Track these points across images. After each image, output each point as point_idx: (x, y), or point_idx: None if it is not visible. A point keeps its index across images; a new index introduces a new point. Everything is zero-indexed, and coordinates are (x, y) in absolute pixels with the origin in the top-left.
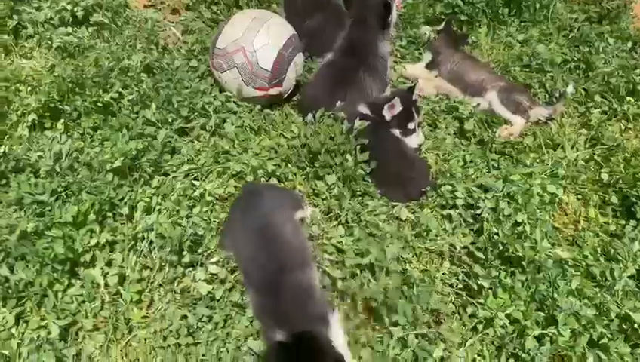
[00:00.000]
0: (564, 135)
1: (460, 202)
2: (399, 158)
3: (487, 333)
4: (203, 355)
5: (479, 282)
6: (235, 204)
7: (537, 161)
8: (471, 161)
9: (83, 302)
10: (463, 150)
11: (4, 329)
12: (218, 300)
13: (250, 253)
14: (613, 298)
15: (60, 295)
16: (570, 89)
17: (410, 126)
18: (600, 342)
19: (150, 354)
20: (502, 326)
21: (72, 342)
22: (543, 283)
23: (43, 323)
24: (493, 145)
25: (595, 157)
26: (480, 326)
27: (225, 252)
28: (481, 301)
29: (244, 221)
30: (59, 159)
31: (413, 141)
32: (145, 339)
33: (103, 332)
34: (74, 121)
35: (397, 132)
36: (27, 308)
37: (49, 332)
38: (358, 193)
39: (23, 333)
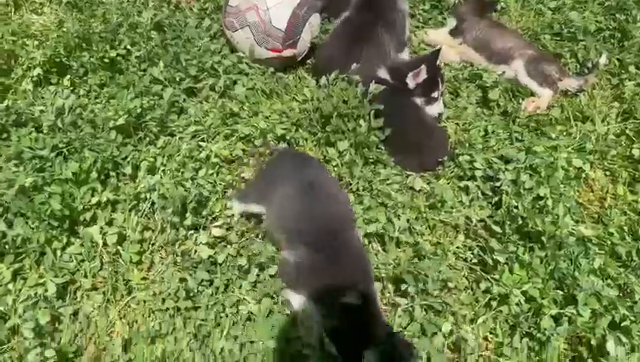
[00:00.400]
0: (595, 107)
1: (478, 173)
2: (416, 126)
3: (501, 311)
4: (202, 320)
5: (495, 257)
6: (274, 162)
7: (564, 134)
8: (492, 132)
9: (82, 261)
10: (485, 120)
11: (0, 285)
12: (220, 264)
13: (303, 210)
14: (638, 279)
15: (58, 253)
16: (603, 59)
17: (434, 95)
18: (622, 325)
19: (149, 316)
20: (517, 304)
21: (70, 301)
22: (564, 261)
23: (41, 281)
24: (517, 118)
25: (627, 131)
26: (494, 303)
27: (243, 206)
28: (496, 277)
29: (294, 178)
30: (61, 114)
31: (433, 109)
32: (144, 302)
33: (102, 292)
34: (80, 77)
35: (419, 100)
36: (26, 265)
37: (46, 290)
38: (371, 160)
39: (20, 290)
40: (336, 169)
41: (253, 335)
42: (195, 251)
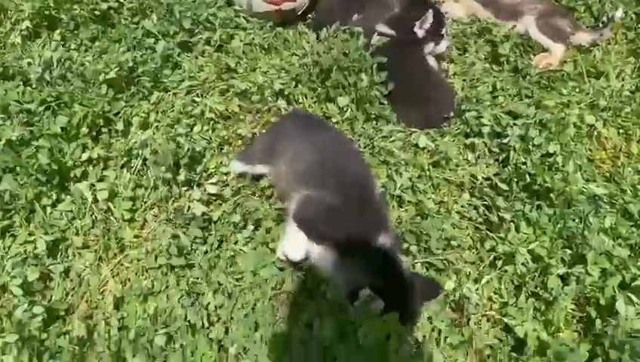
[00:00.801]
0: (610, 63)
1: (485, 130)
2: (421, 80)
3: (507, 270)
4: (196, 278)
5: (501, 215)
6: (287, 120)
7: (577, 90)
8: (501, 89)
9: (73, 218)
10: (494, 76)
11: None
12: (215, 222)
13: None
14: None
15: (48, 210)
16: (619, 13)
17: (442, 32)
18: (632, 284)
19: (142, 275)
20: (523, 264)
21: (61, 258)
22: (573, 220)
23: (30, 239)
24: (528, 75)
25: None
26: (499, 263)
27: (247, 168)
28: (502, 235)
29: (312, 132)
30: (49, 67)
31: (442, 46)
32: (137, 260)
33: (94, 250)
34: (71, 31)
35: (427, 48)
36: (15, 222)
37: (35, 247)
38: (373, 116)
39: (9, 247)
40: (337, 126)
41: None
42: (189, 208)
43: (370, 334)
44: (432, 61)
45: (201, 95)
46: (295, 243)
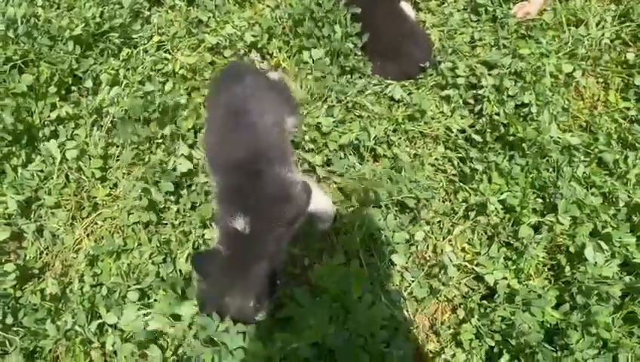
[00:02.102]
0: (590, 11)
1: (460, 81)
2: (396, 29)
3: (479, 220)
4: (169, 235)
5: (473, 165)
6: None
7: (556, 39)
8: (479, 39)
9: (45, 178)
10: (472, 27)
11: None
12: (189, 185)
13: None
14: (624, 187)
15: (19, 170)
16: None
17: None
18: (603, 232)
19: (116, 233)
20: (495, 214)
21: (34, 218)
22: (547, 170)
23: (2, 199)
24: (507, 25)
25: (623, 35)
26: (472, 214)
27: None
28: (475, 187)
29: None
30: (14, 24)
31: None
32: (111, 218)
33: (67, 209)
34: None
35: None
36: None
37: (7, 208)
38: (347, 69)
39: None
40: (309, 77)
41: None
42: (162, 164)
43: (325, 277)
44: (408, 9)
45: (172, 50)
46: None
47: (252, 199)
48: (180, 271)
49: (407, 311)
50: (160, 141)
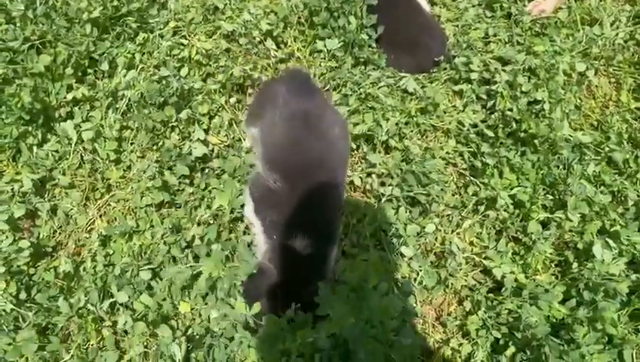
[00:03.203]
0: (605, 10)
1: (474, 76)
2: (413, 22)
3: (488, 215)
4: (182, 218)
5: (484, 160)
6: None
7: (569, 38)
8: (494, 35)
9: (60, 158)
10: (487, 22)
11: None
12: (203, 169)
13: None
14: (633, 186)
15: (34, 149)
16: None
17: None
18: (611, 230)
19: (129, 214)
20: (505, 209)
21: (49, 197)
22: (557, 167)
23: (17, 177)
24: (521, 22)
25: (637, 36)
26: (481, 208)
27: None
28: (485, 181)
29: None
30: (33, 4)
31: None
32: (124, 200)
33: (81, 190)
34: None
35: None
36: (2, 161)
37: (22, 186)
38: (362, 60)
39: None
40: (322, 65)
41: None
42: (179, 149)
43: (347, 271)
44: (423, 3)
45: (188, 36)
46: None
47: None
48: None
49: (415, 302)
50: (175, 124)
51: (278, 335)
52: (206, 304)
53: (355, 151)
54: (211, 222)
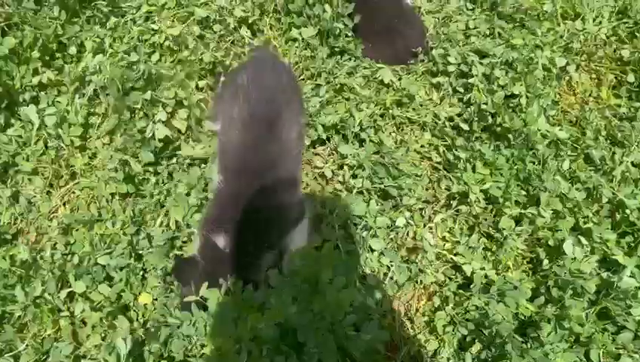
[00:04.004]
0: (588, 5)
1: (451, 68)
2: (391, 11)
3: (461, 210)
4: (143, 207)
5: (457, 154)
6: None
7: (551, 32)
8: (475, 28)
9: (24, 144)
10: (468, 15)
11: None
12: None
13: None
14: (609, 183)
15: None
16: None
17: None
18: (584, 227)
19: (93, 203)
20: (477, 204)
21: (11, 184)
22: (533, 163)
23: None
24: (502, 11)
25: (620, 32)
26: (454, 203)
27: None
28: (458, 175)
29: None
30: None
31: None
32: (89, 188)
33: (44, 177)
34: None
35: None
36: None
37: None
38: (337, 50)
39: None
40: (297, 53)
41: None
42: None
43: (297, 259)
44: None
45: (160, 21)
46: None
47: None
48: (150, 240)
49: (383, 296)
50: (139, 107)
51: (227, 319)
52: (167, 296)
53: (327, 143)
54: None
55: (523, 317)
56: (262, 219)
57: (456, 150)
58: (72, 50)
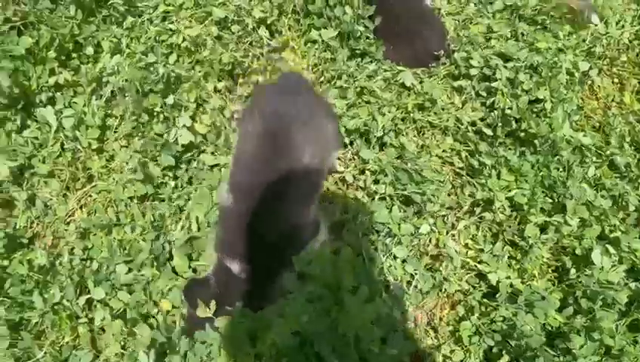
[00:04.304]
0: (611, 9)
1: (474, 72)
2: (412, 13)
3: (484, 217)
4: (164, 211)
5: (482, 160)
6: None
7: (573, 36)
8: (496, 31)
9: (40, 145)
10: (488, 18)
11: None
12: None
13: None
14: (635, 191)
15: (13, 135)
16: None
17: None
18: (611, 236)
19: (110, 206)
20: (501, 211)
21: (27, 186)
22: (557, 169)
23: None
24: (524, 14)
25: None
26: (477, 209)
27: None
28: (482, 181)
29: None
30: None
31: None
32: (106, 192)
33: (61, 179)
34: None
35: None
36: None
37: None
38: (358, 52)
39: None
40: (315, 55)
41: None
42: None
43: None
44: None
45: (178, 22)
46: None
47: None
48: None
49: (407, 306)
50: (160, 110)
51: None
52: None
53: (349, 147)
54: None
55: (550, 328)
56: (275, 242)
57: (480, 156)
58: (89, 50)
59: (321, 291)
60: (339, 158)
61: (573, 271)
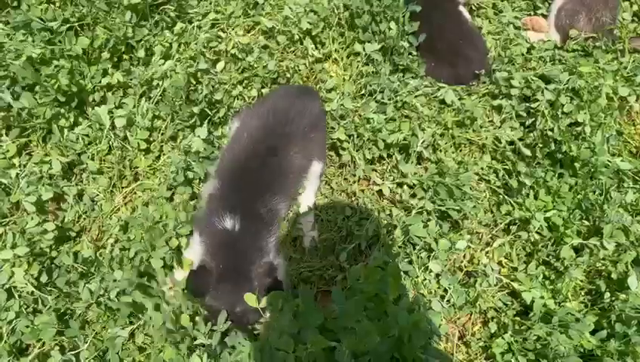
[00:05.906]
0: None
1: (514, 92)
2: (456, 31)
3: (520, 236)
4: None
5: (521, 179)
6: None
7: (615, 62)
8: (536, 54)
9: (90, 143)
10: (528, 40)
11: (4, 158)
12: None
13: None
14: None
15: (65, 132)
16: None
17: None
18: None
19: (152, 205)
20: (537, 231)
21: (76, 181)
22: (594, 192)
23: (46, 159)
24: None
25: None
26: (513, 228)
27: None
28: (519, 201)
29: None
30: None
31: None
32: (150, 190)
33: (108, 176)
34: None
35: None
36: (32, 142)
37: (51, 168)
38: (400, 67)
39: (24, 165)
40: (359, 68)
41: None
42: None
43: (362, 278)
44: (466, 14)
45: (226, 30)
46: None
47: None
48: None
49: (442, 319)
50: (211, 114)
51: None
52: None
53: (387, 160)
54: None
55: (582, 351)
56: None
57: (519, 175)
58: (141, 53)
59: (368, 303)
60: (375, 170)
61: (607, 294)
